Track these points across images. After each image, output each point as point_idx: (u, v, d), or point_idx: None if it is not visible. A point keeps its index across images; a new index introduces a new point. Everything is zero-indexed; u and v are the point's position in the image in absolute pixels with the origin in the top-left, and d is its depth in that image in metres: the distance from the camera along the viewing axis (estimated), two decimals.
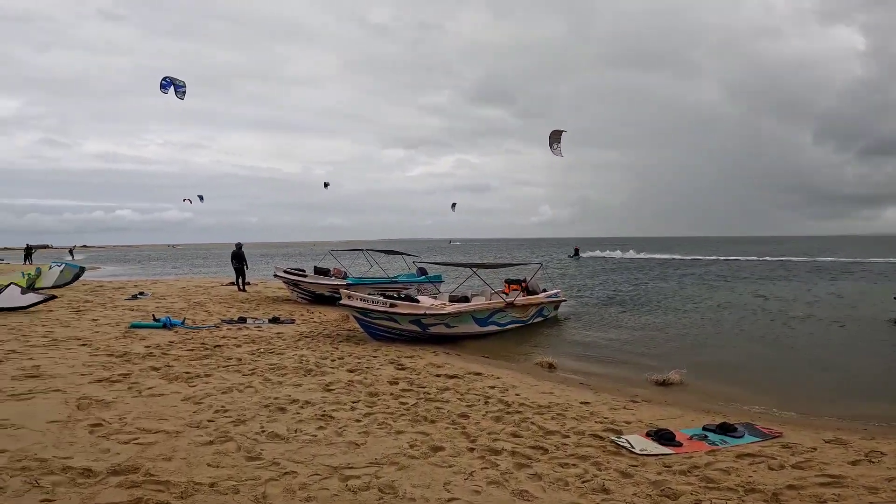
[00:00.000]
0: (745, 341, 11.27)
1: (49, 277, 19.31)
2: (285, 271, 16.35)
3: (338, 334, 11.18)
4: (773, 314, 14.51)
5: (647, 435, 5.24)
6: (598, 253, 62.42)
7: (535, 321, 13.17)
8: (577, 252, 57.79)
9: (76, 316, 12.07)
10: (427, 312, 10.50)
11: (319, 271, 16.93)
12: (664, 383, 7.76)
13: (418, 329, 10.64)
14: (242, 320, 11.98)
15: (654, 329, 12.86)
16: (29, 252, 45.06)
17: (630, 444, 5.03)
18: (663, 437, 5.13)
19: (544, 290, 14.22)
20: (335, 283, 16.32)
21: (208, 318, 12.41)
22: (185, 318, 11.38)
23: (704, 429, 5.48)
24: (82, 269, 20.65)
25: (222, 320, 11.87)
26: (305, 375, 7.44)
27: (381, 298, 10.64)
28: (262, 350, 9.04)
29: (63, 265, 20.35)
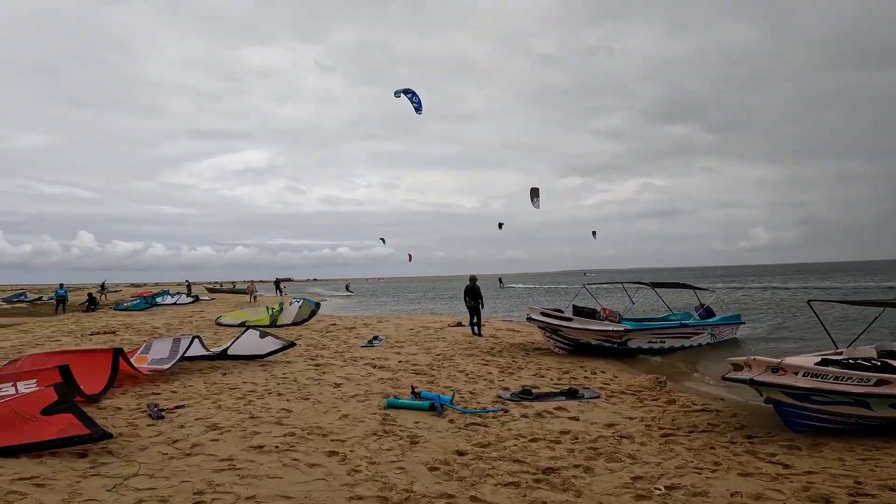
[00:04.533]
0: None
1: (289, 314, 17.59)
2: (543, 313, 11.63)
3: (713, 425, 5.88)
4: None
5: None
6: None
7: None
8: (500, 281, 65.51)
9: (315, 374, 8.70)
10: None
11: (581, 312, 11.90)
12: None
13: (866, 412, 5.12)
14: (527, 394, 7.37)
15: None
16: (278, 285, 48.35)
17: None
18: None
19: None
20: (609, 328, 11.16)
21: (473, 386, 8.08)
22: (453, 393, 7.14)
23: None
24: (318, 306, 18.78)
25: (500, 396, 7.38)
26: None
27: (853, 372, 5.34)
28: (649, 483, 4.11)
29: (301, 301, 18.65)
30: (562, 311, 11.89)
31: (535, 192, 22.08)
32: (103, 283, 51.42)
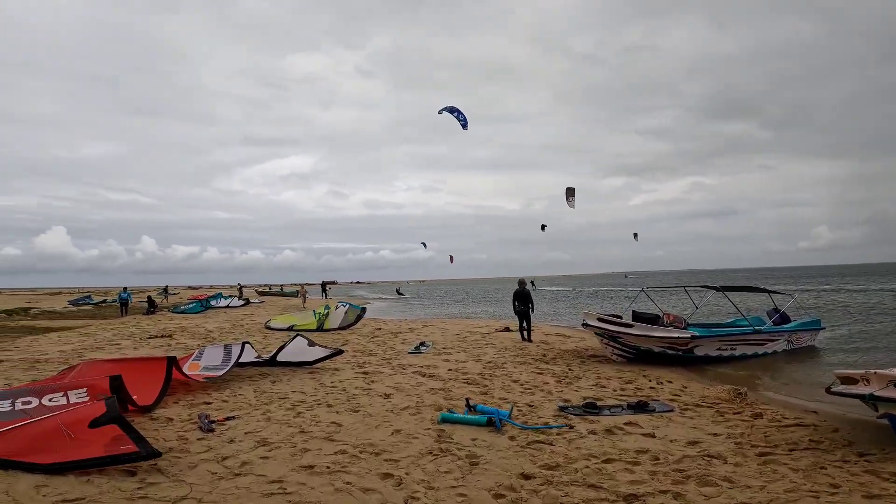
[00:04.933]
0: None
1: (335, 318, 17.52)
2: (600, 319, 10.92)
3: (815, 442, 5.14)
4: None
5: None
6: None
7: None
8: (532, 284, 65.38)
9: (364, 383, 8.39)
10: None
11: (642, 318, 11.11)
12: None
13: None
14: (592, 407, 6.76)
15: None
16: (324, 288, 49.18)
17: None
18: None
19: None
20: (675, 335, 10.33)
21: (530, 397, 7.53)
22: (511, 406, 6.62)
23: None
24: (363, 310, 18.63)
25: (562, 408, 6.81)
26: None
27: None
28: None
29: (347, 305, 18.56)
30: (620, 317, 11.15)
31: (570, 192, 22.27)
32: (166, 287, 53.99)
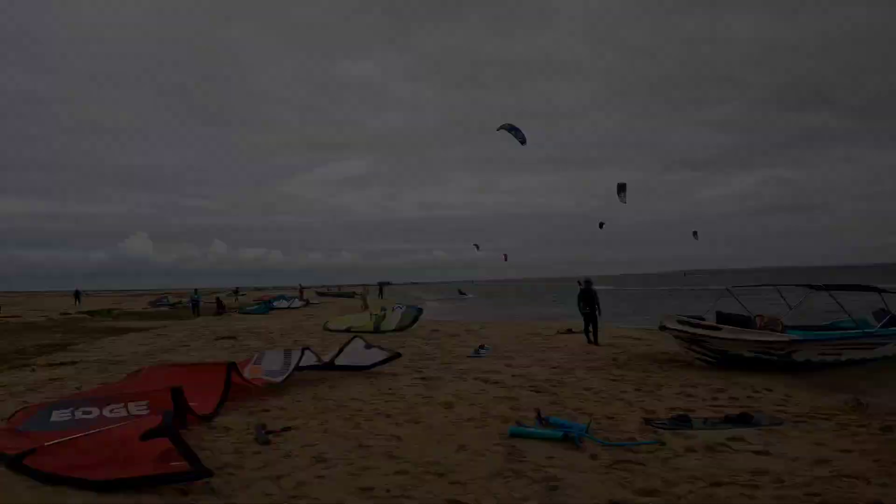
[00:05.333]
0: None
1: (392, 320, 17.30)
2: (681, 321, 9.87)
3: None
4: None
5: None
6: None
7: None
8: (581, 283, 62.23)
9: (424, 389, 7.94)
10: None
11: (731, 319, 9.99)
12: None
13: None
14: (683, 420, 5.93)
15: None
16: (381, 288, 49.94)
17: None
18: None
19: None
20: (772, 339, 9.17)
21: (607, 408, 6.74)
22: (590, 420, 5.90)
23: None
24: (420, 311, 18.30)
25: (647, 420, 6.01)
26: None
27: None
28: None
29: (404, 307, 18.32)
30: (702, 319, 10.09)
31: (621, 187, 22.34)
32: (236, 288, 56.87)
